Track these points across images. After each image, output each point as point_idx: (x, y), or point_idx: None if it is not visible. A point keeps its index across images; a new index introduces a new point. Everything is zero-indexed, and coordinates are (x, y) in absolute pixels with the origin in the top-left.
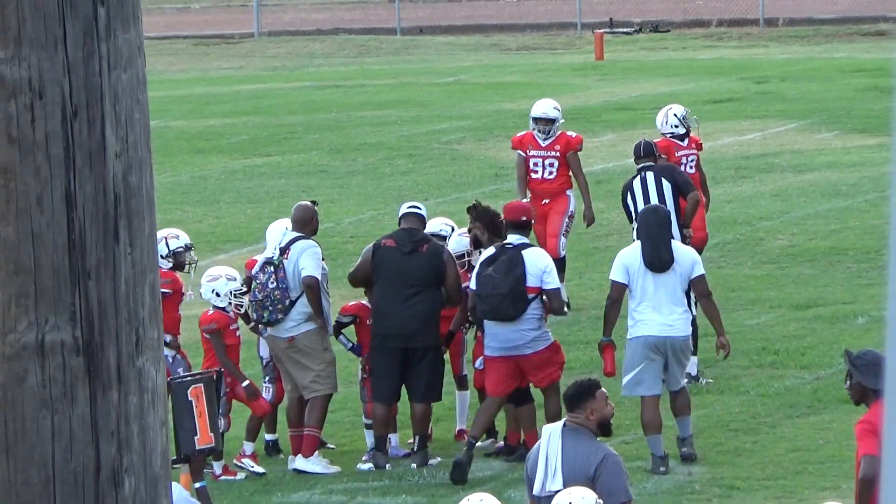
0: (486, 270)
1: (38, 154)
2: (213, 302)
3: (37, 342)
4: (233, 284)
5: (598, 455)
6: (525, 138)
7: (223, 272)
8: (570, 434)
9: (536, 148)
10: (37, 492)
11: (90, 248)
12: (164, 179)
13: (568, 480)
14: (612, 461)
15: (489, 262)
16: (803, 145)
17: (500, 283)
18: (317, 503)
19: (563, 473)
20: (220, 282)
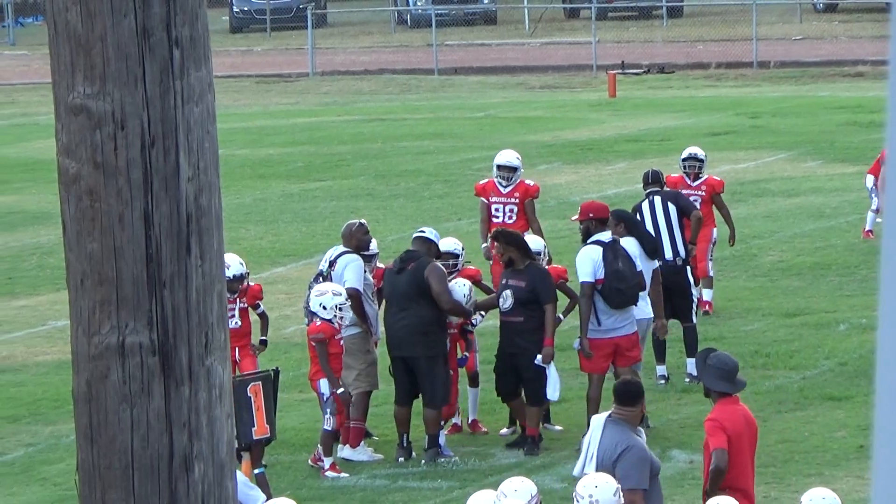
0: (616, 266)
1: (120, 178)
2: (320, 314)
3: (118, 343)
4: (338, 299)
5: (624, 443)
6: (487, 186)
7: (329, 288)
8: (611, 425)
9: (498, 195)
10: (117, 476)
11: (165, 261)
12: (230, 201)
13: (599, 465)
14: (634, 451)
15: (614, 258)
16: (792, 173)
17: (629, 275)
18: (362, 487)
19: (596, 459)
20: (327, 296)
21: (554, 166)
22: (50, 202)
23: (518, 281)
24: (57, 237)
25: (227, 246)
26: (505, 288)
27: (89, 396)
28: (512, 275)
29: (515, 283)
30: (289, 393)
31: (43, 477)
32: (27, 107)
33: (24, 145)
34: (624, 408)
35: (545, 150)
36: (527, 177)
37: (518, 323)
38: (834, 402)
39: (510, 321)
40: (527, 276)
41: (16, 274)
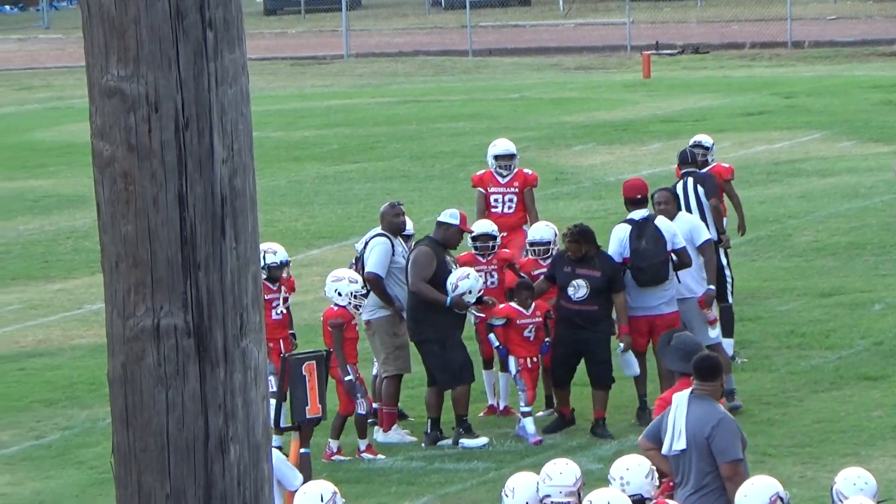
0: (639, 245)
1: (154, 160)
2: (335, 300)
3: (153, 326)
4: (354, 286)
5: (715, 418)
6: (485, 177)
7: (346, 275)
8: (696, 401)
9: (496, 185)
10: (153, 458)
11: (200, 243)
12: (265, 183)
13: (689, 441)
14: (725, 423)
15: (637, 238)
16: (826, 153)
17: (654, 253)
18: (399, 469)
19: (686, 435)
20: (343, 283)
21: (589, 147)
22: (85, 185)
23: (592, 271)
24: (92, 220)
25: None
26: (574, 277)
27: (125, 379)
28: (580, 265)
29: (589, 273)
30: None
31: (79, 460)
32: (62, 90)
33: (59, 129)
34: (705, 383)
35: (580, 130)
36: (561, 158)
37: (593, 311)
38: (870, 382)
39: (584, 310)
40: (600, 265)
41: (51, 257)
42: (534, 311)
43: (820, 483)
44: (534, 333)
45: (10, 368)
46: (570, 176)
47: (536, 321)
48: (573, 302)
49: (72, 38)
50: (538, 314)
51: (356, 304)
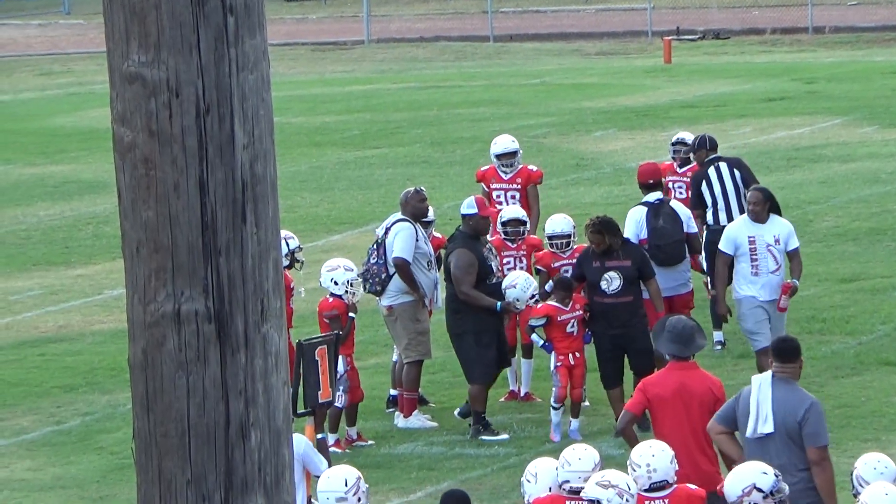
0: (657, 224)
1: (175, 146)
2: (331, 290)
3: (174, 311)
4: (349, 274)
5: (806, 402)
6: (488, 173)
7: (341, 263)
8: (780, 383)
9: (499, 181)
10: (174, 443)
11: (221, 228)
12: (286, 169)
13: (778, 424)
14: (817, 408)
15: (654, 217)
16: (847, 138)
17: (672, 232)
18: (420, 454)
19: (774, 418)
20: (339, 272)
21: (609, 133)
22: (106, 171)
23: (621, 261)
24: (113, 206)
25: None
26: (605, 271)
27: (145, 364)
28: (608, 257)
29: (619, 265)
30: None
31: (100, 446)
32: (83, 76)
33: (80, 114)
34: (786, 364)
35: (600, 116)
36: (581, 143)
37: (629, 302)
38: (890, 367)
39: (620, 302)
40: (629, 255)
41: (72, 243)
42: (573, 305)
43: (840, 468)
44: (576, 328)
45: (30, 354)
46: (590, 161)
47: (577, 315)
48: (608, 296)
49: (93, 24)
50: (578, 308)
51: (352, 291)
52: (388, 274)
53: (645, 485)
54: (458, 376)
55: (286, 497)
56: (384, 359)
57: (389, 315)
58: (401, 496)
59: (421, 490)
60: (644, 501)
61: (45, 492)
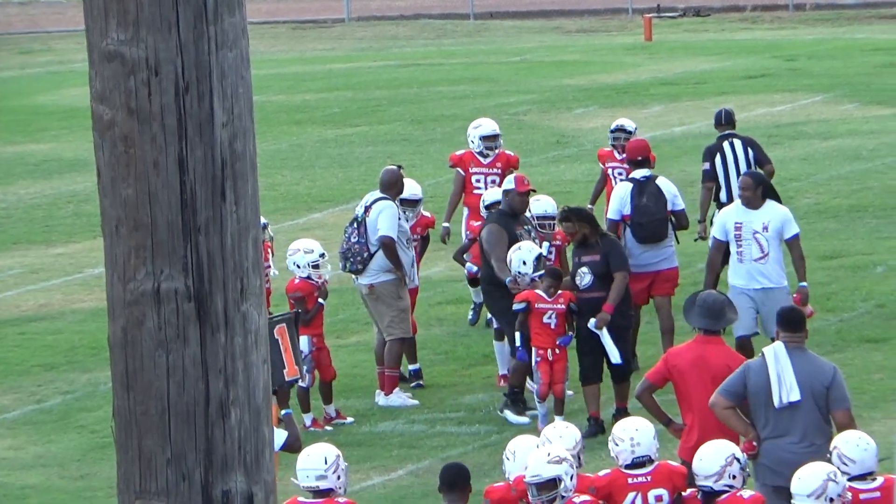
0: (640, 202)
1: (155, 124)
2: (296, 273)
3: (153, 290)
4: (309, 256)
5: (829, 367)
6: (465, 157)
7: (301, 245)
8: (796, 352)
9: (478, 165)
10: (154, 422)
11: (200, 206)
12: (266, 147)
13: (805, 391)
14: (839, 374)
15: (639, 195)
16: (828, 115)
17: (655, 210)
18: (400, 432)
19: (799, 385)
20: (299, 255)
21: (590, 110)
22: (86, 150)
23: (593, 256)
24: (93, 184)
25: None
26: (579, 266)
27: (125, 343)
28: (584, 251)
29: (591, 259)
30: (327, 339)
31: (80, 424)
32: (63, 54)
33: (60, 93)
34: (796, 333)
35: (581, 93)
36: (562, 121)
37: (600, 298)
38: (871, 345)
39: (592, 297)
40: (600, 249)
41: (52, 222)
42: (557, 297)
43: None
44: (554, 320)
45: (10, 333)
46: (570, 139)
47: (558, 308)
48: (581, 290)
49: (73, 2)
50: (561, 301)
51: (316, 273)
52: (370, 252)
53: (628, 459)
54: (440, 354)
55: (266, 475)
56: (365, 337)
57: (370, 294)
58: (381, 474)
59: (402, 468)
60: (626, 479)
61: (25, 470)
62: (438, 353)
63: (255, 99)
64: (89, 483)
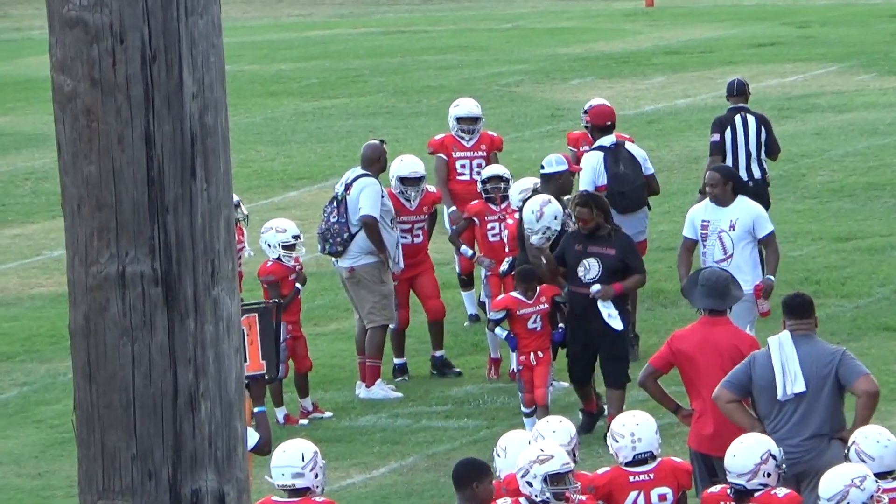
0: (617, 170)
1: (119, 96)
2: (268, 253)
3: (118, 273)
4: (281, 237)
5: (835, 350)
6: (446, 141)
7: (274, 224)
8: (802, 340)
9: (461, 149)
10: (118, 415)
11: (168, 184)
12: (239, 120)
13: (809, 380)
14: (848, 353)
15: (614, 162)
16: (843, 87)
17: (634, 178)
18: (383, 427)
19: (805, 375)
20: (270, 234)
21: (587, 81)
22: (45, 123)
23: (604, 248)
24: (53, 160)
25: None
26: (585, 256)
27: (87, 331)
28: (593, 241)
29: (602, 251)
30: (304, 327)
31: (38, 419)
32: (20, 20)
33: (17, 62)
34: (802, 320)
35: (577, 63)
36: (557, 92)
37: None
38: (890, 333)
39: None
40: (615, 243)
41: (8, 200)
42: (538, 297)
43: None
44: (540, 323)
45: None
46: (566, 112)
47: (541, 309)
48: (583, 284)
49: None
50: (543, 300)
51: (288, 255)
52: (351, 233)
53: (628, 456)
54: (425, 342)
55: (238, 473)
56: (345, 324)
57: (351, 277)
58: (363, 472)
59: (384, 465)
60: (627, 477)
61: None
62: (424, 341)
63: (227, 69)
64: (48, 482)
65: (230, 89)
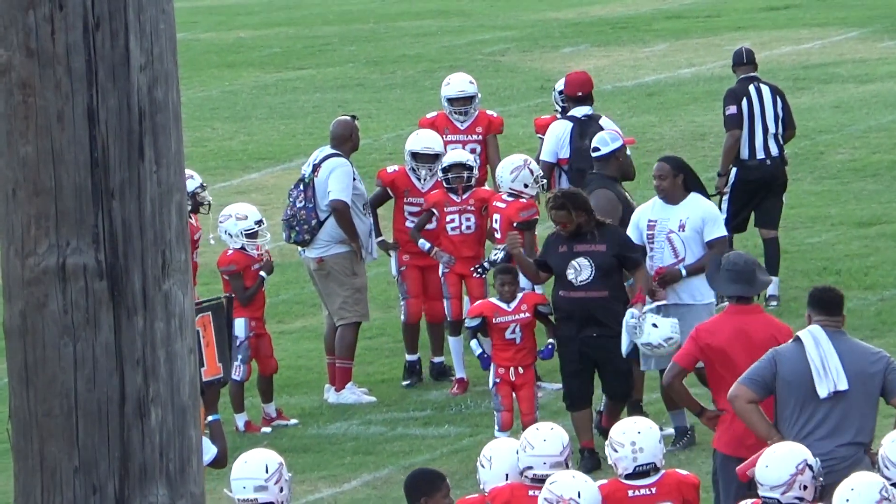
0: (581, 144)
1: (59, 68)
2: (229, 243)
3: (58, 266)
4: (242, 224)
5: (880, 352)
6: (438, 121)
7: (233, 211)
8: (838, 336)
9: (455, 132)
10: (59, 423)
11: (114, 166)
12: (193, 95)
13: (853, 379)
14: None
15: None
16: (865, 54)
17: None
18: (354, 435)
19: (847, 373)
20: (230, 222)
21: (580, 49)
22: None
23: (593, 245)
24: None
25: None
26: (573, 256)
27: (24, 330)
28: (578, 240)
29: (590, 249)
30: (267, 324)
31: None
32: None
33: None
34: (835, 317)
35: (569, 29)
36: (547, 62)
37: (602, 299)
38: None
39: (591, 297)
40: (605, 238)
41: None
42: (518, 304)
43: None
44: (520, 334)
45: None
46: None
47: (521, 318)
48: (575, 288)
49: None
50: (524, 309)
51: (251, 244)
52: (319, 220)
53: (629, 468)
54: (400, 342)
55: (193, 487)
56: (312, 321)
57: (320, 269)
58: (332, 485)
59: (356, 478)
60: (626, 491)
61: None
62: (399, 339)
63: (180, 37)
64: None
65: (183, 60)
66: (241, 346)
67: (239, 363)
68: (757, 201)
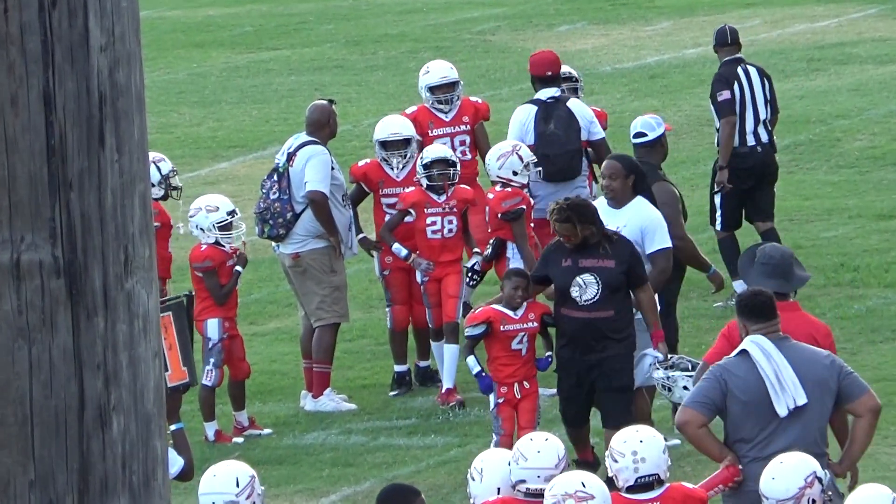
0: (546, 128)
1: (12, 48)
2: (201, 238)
3: (11, 263)
4: (214, 216)
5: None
6: (420, 115)
7: (203, 203)
8: (784, 344)
9: (440, 125)
10: (12, 433)
11: (72, 154)
12: (158, 77)
13: (810, 389)
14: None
15: (544, 120)
16: (885, 33)
17: (565, 140)
18: (333, 445)
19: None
20: (200, 215)
21: (577, 27)
22: None
23: (601, 260)
24: None
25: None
26: (578, 272)
27: None
28: (583, 253)
29: (598, 264)
30: (239, 325)
31: None
32: None
33: None
34: (770, 322)
35: (565, 6)
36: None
37: (608, 319)
38: None
39: (595, 318)
40: (614, 251)
41: None
42: (525, 312)
43: (879, 460)
44: (526, 345)
45: None
46: None
47: (529, 327)
48: (579, 308)
49: None
50: (532, 318)
51: (225, 237)
52: (295, 213)
53: (630, 480)
54: (382, 344)
55: (158, 501)
56: (288, 322)
57: (296, 266)
58: (309, 499)
59: (335, 492)
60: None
61: None
62: (382, 342)
63: (144, 15)
64: None
65: (147, 40)
66: (215, 349)
67: (211, 367)
68: (748, 192)
